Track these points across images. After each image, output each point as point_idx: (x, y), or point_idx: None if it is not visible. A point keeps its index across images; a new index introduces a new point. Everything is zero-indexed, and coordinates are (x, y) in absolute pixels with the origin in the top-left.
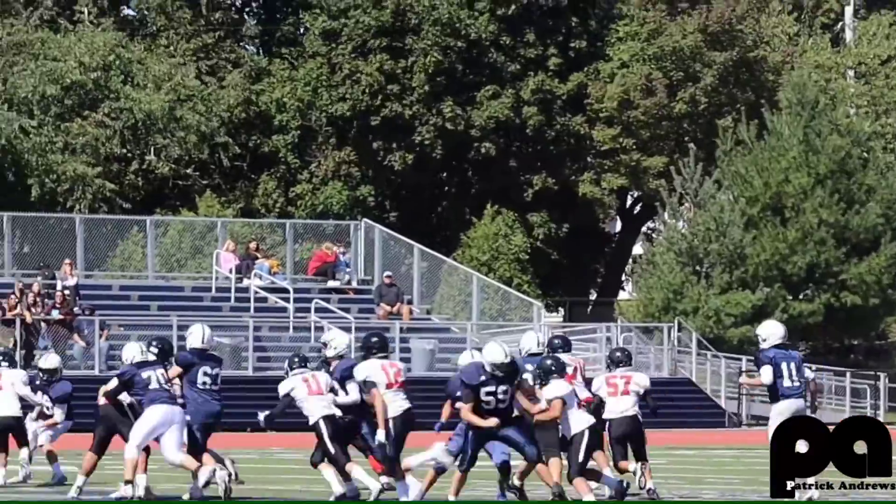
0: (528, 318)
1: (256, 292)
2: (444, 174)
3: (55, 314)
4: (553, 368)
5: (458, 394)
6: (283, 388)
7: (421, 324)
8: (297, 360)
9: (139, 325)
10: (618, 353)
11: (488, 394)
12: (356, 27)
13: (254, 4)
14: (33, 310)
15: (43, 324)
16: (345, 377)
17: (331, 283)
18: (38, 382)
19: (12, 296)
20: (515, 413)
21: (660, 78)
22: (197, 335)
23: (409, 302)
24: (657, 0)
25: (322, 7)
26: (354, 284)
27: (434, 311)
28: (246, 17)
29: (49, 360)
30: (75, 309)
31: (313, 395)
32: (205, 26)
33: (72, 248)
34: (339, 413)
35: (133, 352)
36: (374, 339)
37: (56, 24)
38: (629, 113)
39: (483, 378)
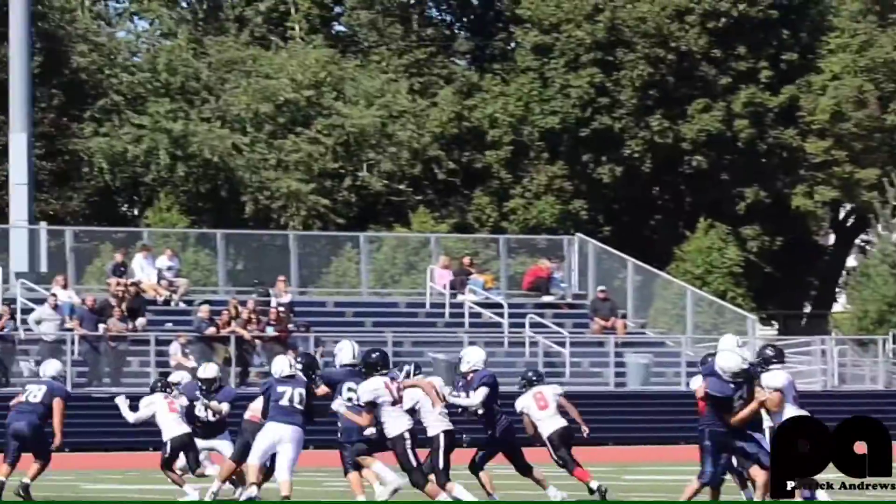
0: (743, 332)
1: (471, 308)
2: (657, 188)
3: (270, 331)
4: (773, 356)
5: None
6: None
7: (635, 338)
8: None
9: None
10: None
11: (739, 398)
12: (568, 41)
13: (465, 20)
14: (248, 327)
15: (258, 341)
16: (480, 385)
17: (545, 298)
18: (197, 392)
19: (225, 313)
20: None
21: (871, 90)
22: (347, 351)
23: (624, 316)
24: (868, 12)
25: (534, 22)
26: (569, 299)
27: (648, 325)
28: (457, 32)
29: (208, 369)
30: (290, 326)
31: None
32: (416, 42)
33: (285, 265)
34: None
35: (281, 365)
36: (376, 356)
37: (267, 42)
38: (841, 125)
39: (733, 386)
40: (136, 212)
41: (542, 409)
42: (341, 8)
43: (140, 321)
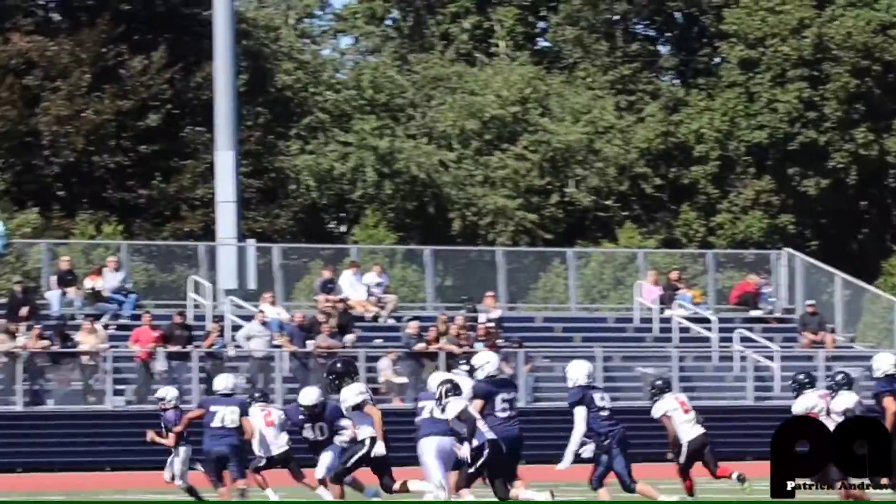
0: None
1: (679, 322)
2: (864, 202)
3: (479, 347)
4: None
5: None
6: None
7: (844, 352)
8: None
9: (563, 357)
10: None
11: None
12: (774, 56)
13: (669, 35)
14: (462, 343)
15: (467, 357)
16: (572, 406)
17: (753, 313)
18: (301, 418)
19: (434, 328)
20: None
21: None
22: (493, 363)
23: (832, 330)
24: None
25: (739, 36)
26: (777, 313)
27: (857, 339)
28: (661, 48)
29: (308, 395)
30: (499, 341)
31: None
32: (621, 58)
33: (493, 281)
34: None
35: (431, 381)
36: (341, 365)
37: (472, 58)
38: None
39: None
40: (343, 229)
41: (686, 413)
42: (545, 24)
43: (349, 337)
